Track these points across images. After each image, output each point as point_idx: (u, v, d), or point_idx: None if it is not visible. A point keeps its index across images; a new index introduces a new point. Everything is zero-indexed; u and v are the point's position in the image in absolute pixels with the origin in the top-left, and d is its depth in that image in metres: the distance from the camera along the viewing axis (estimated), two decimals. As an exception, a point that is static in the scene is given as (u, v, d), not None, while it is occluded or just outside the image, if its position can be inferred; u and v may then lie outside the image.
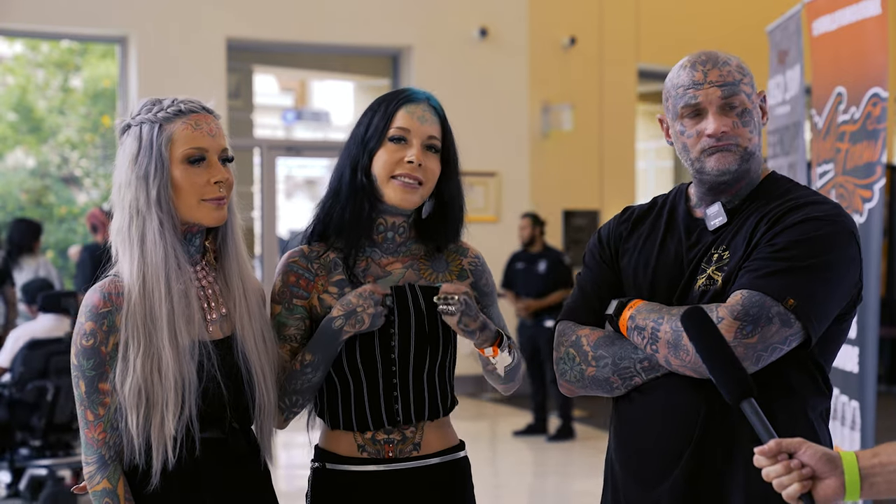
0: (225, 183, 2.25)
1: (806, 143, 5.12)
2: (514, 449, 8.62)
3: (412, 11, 10.78)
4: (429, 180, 2.40)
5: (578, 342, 2.28)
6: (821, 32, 4.51)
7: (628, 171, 11.99)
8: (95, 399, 2.18)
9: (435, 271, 2.46)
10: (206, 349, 2.22)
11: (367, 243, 2.44)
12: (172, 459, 2.16)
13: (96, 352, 2.17)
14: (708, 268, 2.23)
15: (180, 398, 2.16)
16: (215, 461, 2.24)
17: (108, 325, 2.17)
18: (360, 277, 2.42)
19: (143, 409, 2.15)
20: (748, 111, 2.24)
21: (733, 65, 2.25)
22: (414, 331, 2.39)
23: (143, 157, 2.21)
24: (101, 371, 2.18)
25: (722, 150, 2.23)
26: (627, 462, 2.27)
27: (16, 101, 14.89)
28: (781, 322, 2.09)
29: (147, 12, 9.86)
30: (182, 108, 2.24)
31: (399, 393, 2.39)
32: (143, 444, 2.16)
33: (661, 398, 2.19)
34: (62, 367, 6.08)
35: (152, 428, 2.15)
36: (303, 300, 2.42)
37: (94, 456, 2.20)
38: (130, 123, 2.26)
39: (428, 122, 2.39)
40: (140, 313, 2.17)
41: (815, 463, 1.75)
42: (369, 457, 2.41)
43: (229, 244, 2.33)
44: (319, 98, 19.40)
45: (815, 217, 2.16)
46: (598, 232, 2.46)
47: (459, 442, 2.51)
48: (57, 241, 14.26)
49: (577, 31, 11.41)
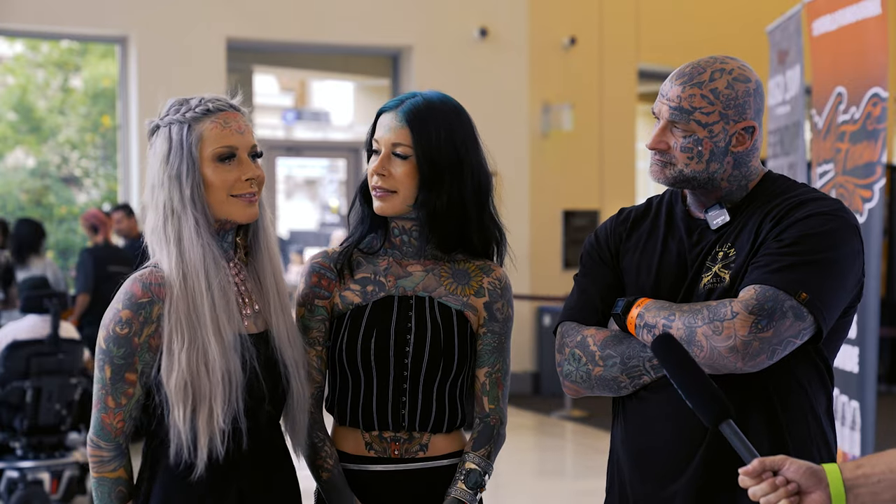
0: (256, 179, 2.29)
1: (806, 143, 5.13)
2: (513, 449, 8.63)
3: (412, 11, 10.77)
4: (400, 185, 2.39)
5: (584, 342, 2.27)
6: (821, 32, 4.51)
7: (628, 171, 11.98)
8: (120, 388, 2.22)
9: (455, 282, 2.46)
10: (246, 343, 2.26)
11: (388, 245, 2.48)
12: (221, 451, 2.20)
13: (129, 341, 2.20)
14: (714, 266, 2.22)
15: (227, 392, 2.20)
16: (252, 452, 2.27)
17: (144, 316, 2.21)
18: (382, 275, 2.45)
19: (189, 402, 2.18)
20: (697, 139, 2.20)
21: (707, 89, 2.20)
22: (429, 342, 2.40)
23: (174, 157, 2.25)
24: (131, 361, 2.21)
25: (657, 161, 2.26)
26: (637, 460, 2.26)
27: (16, 101, 14.88)
28: (795, 316, 2.09)
29: (147, 12, 9.86)
30: (210, 106, 2.28)
31: (408, 399, 2.41)
32: (190, 436, 2.19)
33: (671, 396, 2.15)
34: (43, 369, 6.05)
35: (199, 420, 2.18)
36: (324, 300, 2.45)
37: (112, 444, 2.25)
38: (159, 124, 2.29)
39: (392, 130, 2.39)
40: (183, 308, 2.21)
41: (800, 478, 1.76)
42: (376, 455, 2.42)
43: (261, 240, 2.37)
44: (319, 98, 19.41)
45: (821, 213, 2.16)
46: (594, 234, 2.45)
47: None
48: (57, 241, 14.25)
49: (577, 31, 11.41)
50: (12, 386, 6.05)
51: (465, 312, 2.45)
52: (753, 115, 2.24)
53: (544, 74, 11.22)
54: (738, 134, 2.23)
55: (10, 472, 6.09)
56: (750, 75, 2.25)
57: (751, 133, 2.24)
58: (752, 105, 2.24)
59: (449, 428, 2.45)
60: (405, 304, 2.42)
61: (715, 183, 2.25)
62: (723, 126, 2.21)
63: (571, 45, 11.38)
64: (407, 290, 2.43)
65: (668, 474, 2.20)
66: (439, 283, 2.45)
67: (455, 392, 2.45)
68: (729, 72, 2.22)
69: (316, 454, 2.41)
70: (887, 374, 10.73)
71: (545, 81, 11.22)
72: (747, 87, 2.23)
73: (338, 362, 2.42)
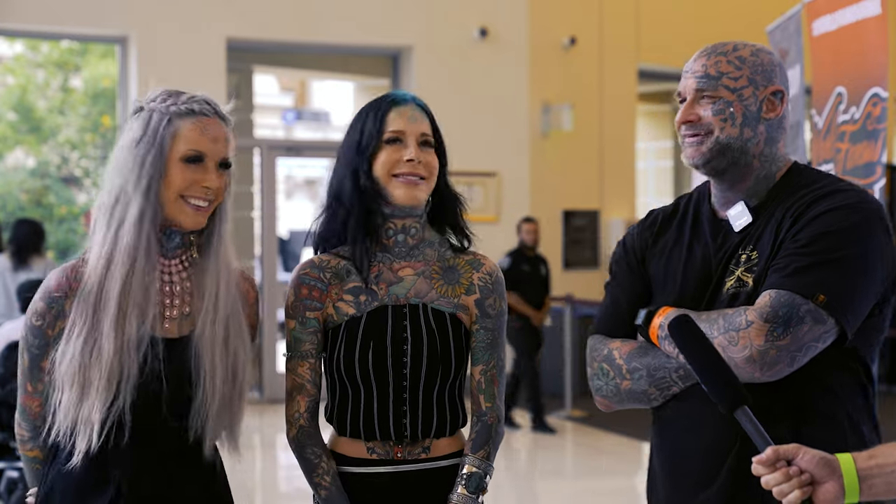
0: (212, 189, 2.28)
1: (806, 143, 5.12)
2: (512, 449, 8.62)
3: (412, 11, 10.78)
4: (430, 174, 2.44)
5: (611, 356, 2.23)
6: (821, 32, 4.51)
7: (628, 171, 11.99)
8: (36, 375, 2.30)
9: (446, 283, 2.46)
10: (154, 345, 2.25)
11: (379, 248, 2.46)
12: (96, 443, 2.22)
13: (42, 333, 2.27)
14: (737, 269, 2.17)
15: (114, 387, 2.21)
16: (145, 450, 2.27)
17: (56, 310, 2.26)
18: (373, 283, 2.43)
19: (75, 390, 2.21)
20: (728, 102, 2.18)
21: (733, 56, 2.19)
22: (426, 350, 2.40)
23: (144, 144, 2.25)
24: (44, 351, 2.28)
25: (691, 139, 2.21)
26: (670, 468, 2.24)
27: (16, 101, 14.90)
28: (814, 320, 2.03)
29: (147, 12, 9.86)
30: (195, 107, 2.28)
31: (408, 408, 2.40)
32: (70, 424, 2.23)
33: (702, 404, 2.09)
34: None
35: (81, 409, 2.22)
36: (315, 311, 2.43)
37: (29, 425, 2.33)
38: (143, 107, 2.30)
39: (418, 120, 2.45)
40: (94, 295, 2.23)
41: (814, 468, 1.75)
42: (378, 458, 2.42)
43: (213, 244, 2.35)
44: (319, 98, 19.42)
45: (839, 207, 2.10)
46: (622, 241, 2.41)
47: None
48: (57, 241, 14.25)
49: (577, 31, 11.41)
50: (11, 386, 6.05)
51: (457, 314, 2.45)
52: (780, 83, 2.22)
53: (544, 74, 11.22)
54: (768, 100, 2.20)
55: (10, 472, 6.09)
56: (772, 52, 2.24)
57: (780, 99, 2.21)
58: (779, 73, 2.22)
59: (451, 430, 2.45)
60: (399, 313, 2.41)
61: (748, 159, 2.20)
62: (752, 91, 2.19)
63: (571, 45, 11.38)
64: (399, 297, 2.43)
65: (700, 482, 2.16)
66: (430, 287, 2.45)
67: (455, 394, 2.45)
68: (752, 45, 2.22)
69: (312, 471, 2.40)
70: (887, 374, 10.74)
71: (545, 81, 11.23)
72: (771, 57, 2.22)
73: (336, 375, 2.41)
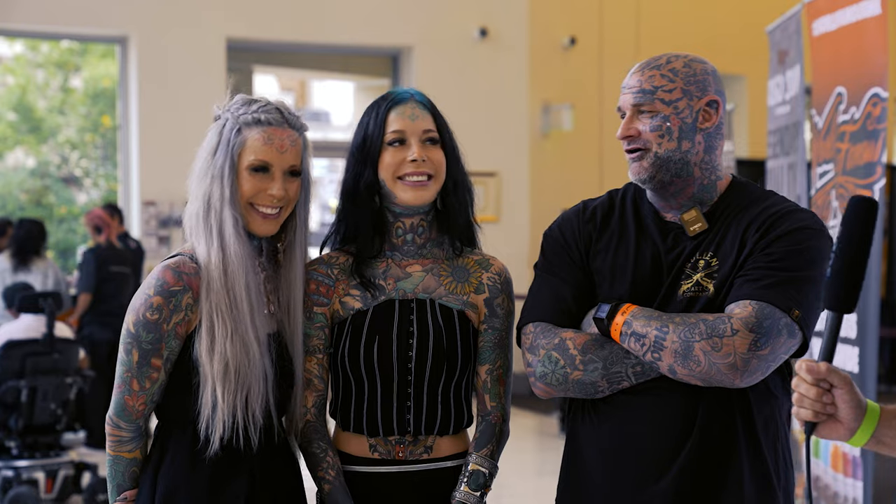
0: (278, 197, 2.31)
1: (806, 144, 5.12)
2: (516, 449, 8.62)
3: (412, 11, 10.77)
4: (437, 171, 2.41)
5: (563, 345, 2.21)
6: (821, 32, 4.51)
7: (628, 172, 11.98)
8: (145, 372, 2.26)
9: (455, 280, 2.46)
10: (272, 343, 2.33)
11: (388, 247, 2.46)
12: (256, 440, 2.27)
13: (158, 327, 2.24)
14: (694, 274, 2.20)
15: (262, 386, 2.27)
16: (263, 445, 2.32)
17: (174, 304, 2.25)
18: (381, 278, 2.43)
19: (230, 385, 2.23)
20: (664, 117, 2.21)
21: (665, 69, 2.22)
22: (432, 345, 2.39)
23: (220, 154, 2.30)
24: (158, 347, 2.25)
25: (633, 156, 2.25)
26: (610, 460, 2.23)
27: (16, 101, 14.89)
28: (789, 333, 2.10)
29: (147, 12, 9.86)
30: (262, 117, 2.31)
31: (412, 403, 2.40)
32: (227, 413, 2.23)
33: (652, 401, 2.17)
34: (39, 368, 6.05)
35: (237, 406, 2.24)
36: (322, 307, 2.44)
37: (133, 425, 2.30)
38: (220, 114, 2.34)
39: (420, 118, 2.42)
40: (223, 301, 2.25)
41: (844, 407, 1.76)
42: (381, 457, 2.41)
43: (292, 249, 2.40)
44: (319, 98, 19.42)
45: (805, 227, 2.17)
46: (558, 229, 2.39)
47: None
48: (57, 242, 14.26)
49: (577, 31, 11.41)
50: (7, 385, 6.05)
51: (465, 312, 2.44)
52: (715, 92, 2.25)
53: (544, 74, 11.22)
54: (704, 110, 2.23)
55: (6, 472, 6.09)
56: (705, 60, 2.28)
57: (715, 108, 2.24)
58: (713, 83, 2.25)
59: (455, 429, 2.45)
60: (406, 307, 2.41)
61: (689, 169, 2.23)
62: (687, 102, 2.21)
63: (571, 45, 11.38)
64: (407, 292, 2.42)
65: (648, 476, 2.17)
66: (439, 283, 2.44)
67: (460, 393, 2.44)
68: (684, 56, 2.25)
69: (317, 465, 2.41)
70: (887, 374, 10.74)
71: (545, 81, 11.22)
72: (704, 66, 2.25)
73: (340, 369, 2.41)
